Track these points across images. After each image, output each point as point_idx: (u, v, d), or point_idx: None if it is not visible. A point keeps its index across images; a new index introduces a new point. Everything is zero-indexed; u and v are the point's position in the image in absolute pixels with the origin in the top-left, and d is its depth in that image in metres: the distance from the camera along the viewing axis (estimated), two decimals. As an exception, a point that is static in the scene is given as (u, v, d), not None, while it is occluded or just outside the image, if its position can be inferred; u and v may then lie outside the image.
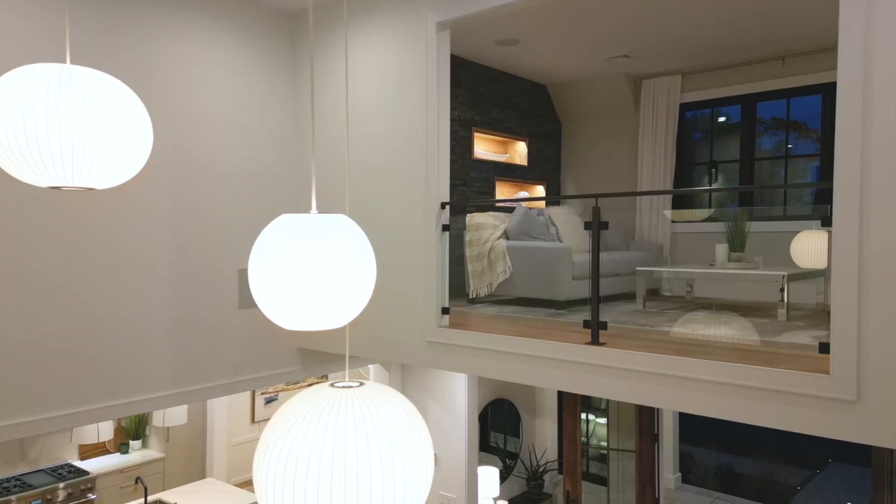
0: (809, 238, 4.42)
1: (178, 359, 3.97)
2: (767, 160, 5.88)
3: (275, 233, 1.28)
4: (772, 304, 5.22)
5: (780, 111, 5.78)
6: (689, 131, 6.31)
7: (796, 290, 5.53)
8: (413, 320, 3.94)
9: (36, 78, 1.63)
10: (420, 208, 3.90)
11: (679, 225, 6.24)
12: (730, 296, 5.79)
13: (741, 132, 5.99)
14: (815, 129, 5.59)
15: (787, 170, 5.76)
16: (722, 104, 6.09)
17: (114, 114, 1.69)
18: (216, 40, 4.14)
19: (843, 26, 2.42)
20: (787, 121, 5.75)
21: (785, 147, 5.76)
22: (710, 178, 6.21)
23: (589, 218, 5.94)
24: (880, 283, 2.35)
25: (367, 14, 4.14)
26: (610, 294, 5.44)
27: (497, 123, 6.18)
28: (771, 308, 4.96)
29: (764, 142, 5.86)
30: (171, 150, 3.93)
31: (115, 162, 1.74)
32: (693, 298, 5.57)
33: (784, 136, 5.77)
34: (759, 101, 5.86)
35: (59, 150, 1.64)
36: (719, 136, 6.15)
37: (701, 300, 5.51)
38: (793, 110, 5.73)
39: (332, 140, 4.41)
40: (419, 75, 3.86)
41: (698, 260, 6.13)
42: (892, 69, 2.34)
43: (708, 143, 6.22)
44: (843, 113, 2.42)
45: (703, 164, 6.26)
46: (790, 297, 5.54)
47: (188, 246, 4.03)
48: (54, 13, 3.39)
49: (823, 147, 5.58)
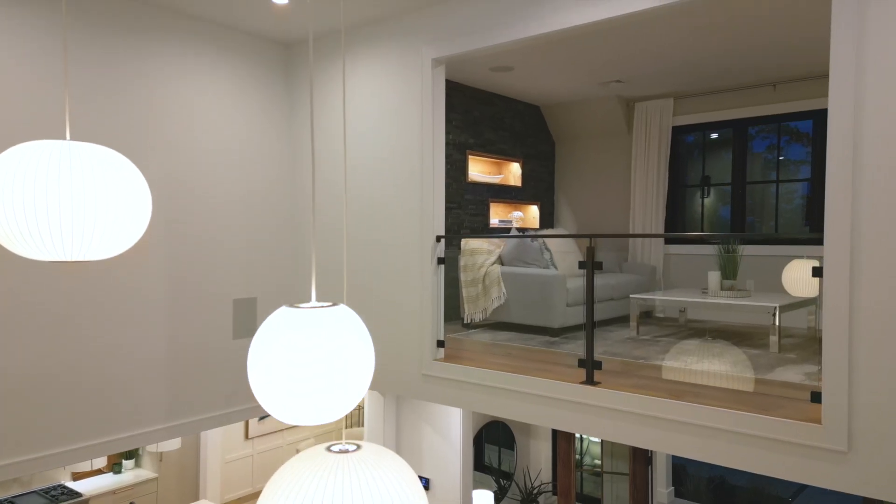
0: (800, 267, 4.46)
1: (172, 391, 3.97)
2: (759, 184, 5.93)
3: (274, 328, 1.29)
4: (764, 328, 5.27)
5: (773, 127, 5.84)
6: (681, 151, 6.35)
7: (788, 313, 5.58)
8: (408, 352, 3.96)
9: (36, 157, 1.64)
10: (416, 241, 3.92)
11: (672, 246, 6.29)
12: (723, 318, 5.83)
13: (733, 156, 6.05)
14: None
15: (779, 172, 5.81)
16: (714, 128, 6.14)
17: (113, 190, 1.70)
18: (212, 70, 4.15)
19: (834, 75, 2.46)
20: (778, 125, 5.80)
21: (777, 148, 5.81)
22: (703, 193, 6.25)
23: (584, 240, 5.99)
24: (870, 336, 2.39)
25: (364, 47, 4.15)
26: (604, 318, 5.48)
27: (491, 145, 6.21)
28: (763, 334, 5.00)
29: (756, 145, 5.88)
30: (167, 179, 3.93)
31: (114, 236, 1.75)
32: (686, 322, 5.61)
33: (776, 139, 5.82)
34: (750, 125, 5.92)
35: (58, 229, 1.65)
36: (711, 150, 6.20)
37: (694, 324, 5.55)
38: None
39: (329, 172, 4.42)
40: (414, 109, 3.88)
41: (691, 281, 6.18)
42: (883, 111, 2.38)
43: (700, 160, 6.27)
44: (833, 161, 2.45)
45: (696, 187, 6.30)
46: (782, 322, 5.59)
47: (183, 276, 4.03)
48: (53, 47, 3.39)
49: (814, 170, 5.63)
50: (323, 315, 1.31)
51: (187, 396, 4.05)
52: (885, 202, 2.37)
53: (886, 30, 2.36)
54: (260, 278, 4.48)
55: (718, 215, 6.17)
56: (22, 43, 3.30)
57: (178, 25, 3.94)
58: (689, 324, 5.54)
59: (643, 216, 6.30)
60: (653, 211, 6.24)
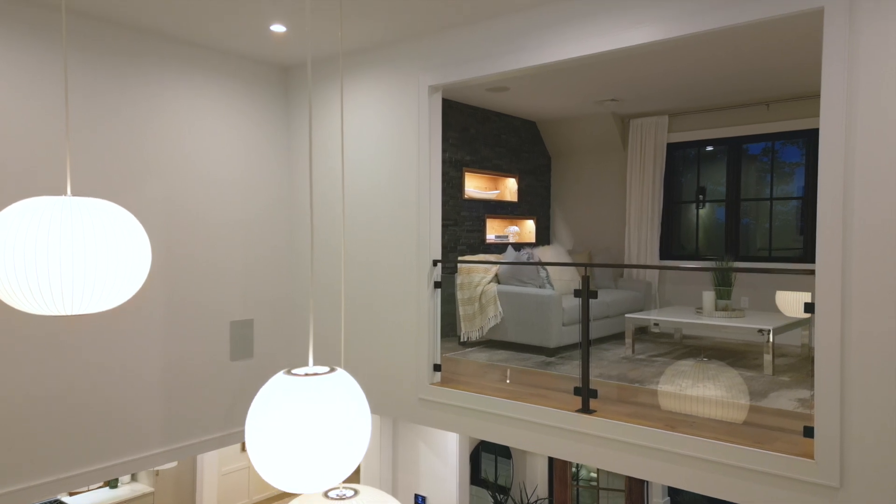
0: (791, 294, 4.51)
1: (169, 415, 3.98)
2: (753, 201, 5.97)
3: (271, 397, 1.31)
4: (758, 345, 5.30)
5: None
6: (677, 164, 6.39)
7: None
8: (405, 374, 3.97)
9: (37, 216, 1.66)
10: (412, 264, 3.94)
11: (667, 262, 6.31)
12: (718, 336, 5.87)
13: (727, 172, 6.09)
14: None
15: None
16: (708, 145, 6.18)
17: (113, 247, 1.72)
18: (210, 93, 4.16)
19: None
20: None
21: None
22: (699, 203, 6.28)
23: (581, 254, 6.03)
24: (862, 373, 2.42)
25: (362, 72, 4.18)
26: (600, 336, 5.50)
27: (487, 162, 6.24)
28: (757, 352, 5.04)
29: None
30: (165, 202, 3.94)
31: (114, 290, 1.77)
32: (681, 339, 5.64)
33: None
34: (744, 143, 5.96)
35: (59, 287, 1.67)
36: (706, 160, 6.24)
37: (689, 341, 5.58)
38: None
39: (326, 195, 4.44)
40: (411, 135, 3.91)
41: (687, 297, 6.21)
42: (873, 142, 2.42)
43: (695, 171, 6.31)
44: (824, 203, 2.49)
45: (691, 203, 6.34)
46: (776, 338, 5.63)
47: (181, 299, 4.04)
48: (52, 73, 3.40)
49: (806, 188, 5.67)
50: (320, 383, 1.33)
51: (185, 419, 4.06)
52: (876, 242, 2.40)
53: (876, 59, 2.39)
54: (257, 300, 4.49)
55: (714, 228, 6.21)
56: (22, 74, 3.31)
57: (176, 51, 3.96)
58: (684, 341, 5.57)
59: (638, 231, 6.34)
60: (648, 226, 6.27)
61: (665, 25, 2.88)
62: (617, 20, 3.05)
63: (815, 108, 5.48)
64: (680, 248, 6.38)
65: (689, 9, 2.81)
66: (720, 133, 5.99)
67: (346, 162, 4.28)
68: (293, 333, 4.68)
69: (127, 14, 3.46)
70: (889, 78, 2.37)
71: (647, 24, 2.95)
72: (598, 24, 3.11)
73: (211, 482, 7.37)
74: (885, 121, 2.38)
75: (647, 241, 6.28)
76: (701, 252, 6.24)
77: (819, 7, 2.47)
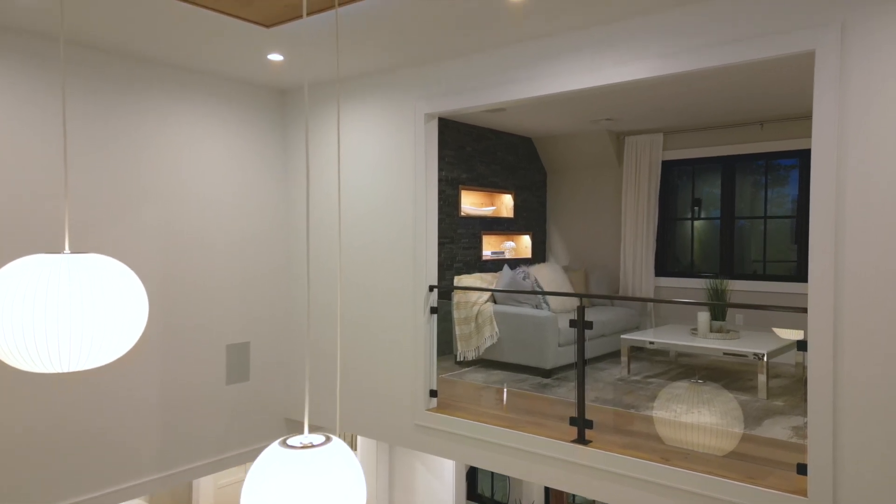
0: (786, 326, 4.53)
1: (165, 441, 3.98)
2: (748, 219, 6.00)
3: (266, 470, 1.32)
4: (753, 364, 5.32)
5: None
6: (672, 181, 6.42)
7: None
8: (401, 400, 3.98)
9: (35, 277, 1.67)
10: (409, 289, 3.95)
11: (662, 279, 6.35)
12: (713, 354, 5.89)
13: (722, 191, 6.12)
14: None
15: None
16: (703, 164, 6.22)
17: (111, 307, 1.73)
18: (207, 117, 4.17)
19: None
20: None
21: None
22: (693, 214, 6.31)
23: (577, 271, 6.03)
24: (855, 411, 2.44)
25: (358, 97, 4.19)
26: (595, 356, 5.52)
27: (483, 179, 6.26)
28: (752, 372, 5.06)
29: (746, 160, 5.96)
30: (162, 226, 3.94)
31: (111, 347, 1.78)
32: (676, 357, 5.67)
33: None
34: (738, 162, 6.00)
35: (56, 348, 1.68)
36: (701, 173, 6.27)
37: (684, 359, 5.60)
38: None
39: (322, 218, 4.45)
40: (407, 160, 3.92)
41: (682, 315, 6.24)
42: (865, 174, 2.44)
43: (690, 183, 6.34)
44: (815, 251, 2.51)
45: (686, 219, 6.37)
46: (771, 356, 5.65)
47: (177, 322, 4.04)
48: (48, 103, 3.40)
49: (799, 208, 5.71)
50: (316, 456, 1.34)
51: (180, 445, 4.06)
52: (867, 283, 2.43)
53: (866, 102, 2.42)
54: (253, 322, 4.50)
55: (709, 241, 6.24)
56: (20, 104, 3.31)
57: (172, 76, 3.97)
58: (679, 359, 5.59)
59: (634, 247, 6.36)
60: (643, 242, 6.30)
61: (661, 62, 2.91)
62: (613, 55, 3.07)
63: (809, 128, 5.52)
64: (675, 263, 6.41)
65: (686, 46, 2.84)
66: (715, 151, 6.02)
67: (342, 185, 4.29)
68: (289, 356, 4.68)
69: (123, 42, 3.47)
70: (878, 119, 2.40)
71: (642, 60, 2.97)
72: (595, 58, 3.14)
73: (207, 495, 7.36)
74: (876, 163, 2.41)
75: (642, 257, 6.31)
76: (696, 267, 6.27)
77: (810, 50, 2.49)
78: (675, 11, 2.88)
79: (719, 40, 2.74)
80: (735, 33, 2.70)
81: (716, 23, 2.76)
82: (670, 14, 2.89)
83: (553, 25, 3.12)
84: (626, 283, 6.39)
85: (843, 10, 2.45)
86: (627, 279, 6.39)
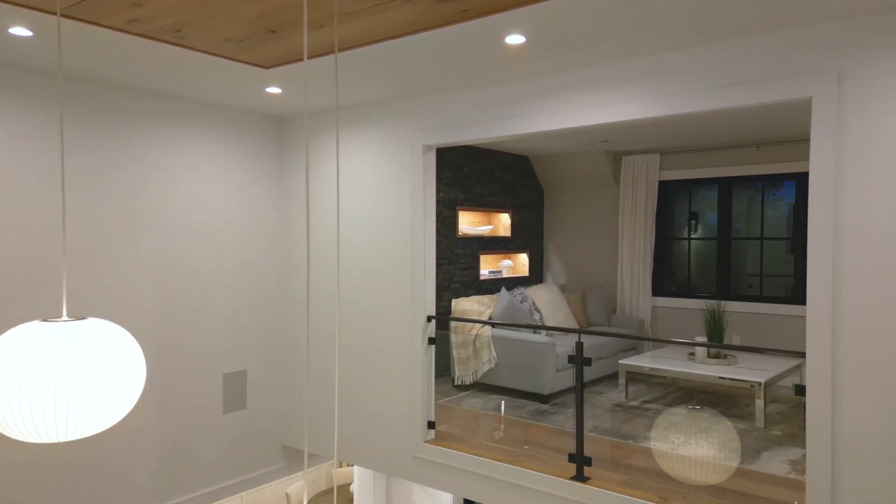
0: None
1: (160, 472, 3.95)
2: (744, 239, 6.02)
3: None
4: (751, 390, 5.32)
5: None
6: (668, 200, 6.43)
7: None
8: (399, 430, 3.97)
9: (31, 349, 1.65)
10: (407, 320, 3.94)
11: (659, 299, 6.35)
12: (710, 377, 5.89)
13: (718, 212, 6.13)
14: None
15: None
16: (699, 184, 6.23)
17: (108, 375, 1.72)
18: (205, 144, 4.16)
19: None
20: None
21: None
22: (690, 227, 6.32)
23: (574, 292, 6.05)
24: (852, 454, 2.44)
25: (357, 126, 4.19)
26: (593, 379, 5.52)
27: (481, 199, 6.26)
28: (749, 396, 5.06)
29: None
30: (159, 253, 3.92)
31: (107, 414, 1.76)
32: (674, 379, 5.67)
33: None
34: (734, 183, 6.01)
35: (52, 419, 1.66)
36: (697, 197, 6.29)
37: (681, 382, 5.60)
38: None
39: (320, 248, 4.44)
40: (405, 190, 3.92)
41: (679, 333, 6.24)
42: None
43: (686, 198, 6.36)
44: (813, 299, 2.51)
45: (683, 239, 6.38)
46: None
47: (173, 352, 4.02)
48: (44, 138, 3.39)
49: (795, 228, 5.73)
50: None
51: (176, 475, 4.03)
52: (864, 331, 2.43)
53: (862, 147, 2.42)
54: (250, 350, 4.48)
55: (706, 261, 6.25)
56: (19, 141, 3.30)
57: (169, 105, 3.96)
58: (676, 382, 5.60)
59: (631, 266, 6.37)
60: (640, 261, 6.31)
61: (659, 103, 2.91)
62: (611, 95, 3.08)
63: (803, 151, 5.54)
64: (673, 280, 6.42)
65: (685, 88, 2.85)
66: (711, 173, 6.04)
67: (340, 214, 4.28)
68: (286, 383, 4.66)
69: (121, 76, 3.45)
70: (875, 166, 2.40)
71: (640, 101, 2.98)
72: (594, 96, 3.14)
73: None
74: (872, 209, 2.42)
75: (639, 276, 6.32)
76: (693, 286, 6.27)
77: (807, 97, 2.50)
78: (674, 54, 2.88)
79: (717, 84, 2.75)
80: (733, 78, 2.71)
81: (713, 67, 2.77)
82: (668, 56, 2.90)
83: (552, 63, 3.12)
84: (623, 303, 6.39)
85: (841, 59, 2.46)
86: (625, 299, 6.39)
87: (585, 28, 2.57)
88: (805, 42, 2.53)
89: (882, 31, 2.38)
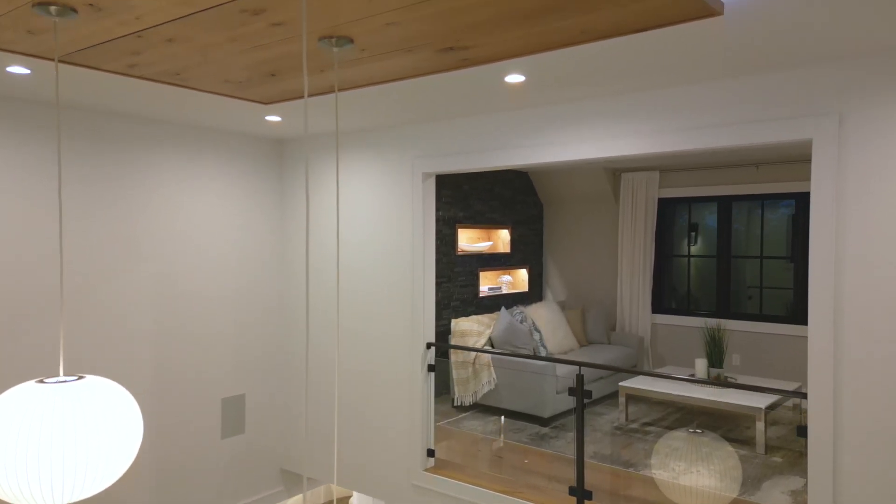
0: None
1: (159, 498, 3.94)
2: (742, 258, 6.01)
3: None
4: (751, 414, 5.31)
5: (756, 209, 5.93)
6: (668, 217, 6.42)
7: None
8: (398, 457, 3.96)
9: (30, 413, 1.64)
10: (406, 346, 3.93)
11: (659, 316, 6.34)
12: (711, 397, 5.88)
13: (718, 231, 6.12)
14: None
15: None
16: (699, 202, 6.23)
17: (105, 436, 1.71)
18: (204, 169, 4.15)
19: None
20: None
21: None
22: (690, 241, 6.31)
23: (574, 309, 6.03)
24: (851, 481, 2.44)
25: (357, 151, 4.18)
26: (593, 399, 5.51)
27: (480, 216, 6.25)
28: (750, 418, 5.05)
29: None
30: (157, 277, 3.91)
31: (104, 475, 1.76)
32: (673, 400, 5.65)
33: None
34: (734, 201, 6.01)
35: (49, 484, 1.65)
36: (697, 214, 6.28)
37: (681, 403, 5.59)
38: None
39: (320, 272, 4.43)
40: (405, 216, 3.91)
41: (679, 353, 6.23)
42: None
43: (686, 211, 6.35)
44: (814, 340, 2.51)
45: (683, 256, 6.38)
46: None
47: (171, 377, 4.01)
48: (44, 165, 3.38)
49: (794, 249, 5.72)
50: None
51: (175, 501, 4.02)
52: (864, 373, 2.42)
53: (863, 189, 2.42)
54: (249, 375, 4.47)
55: (705, 274, 6.24)
56: (17, 171, 3.29)
57: (168, 131, 3.95)
58: (675, 403, 5.58)
59: (630, 283, 6.36)
60: (640, 278, 6.30)
61: (659, 139, 2.91)
62: (611, 129, 3.07)
63: (803, 171, 5.54)
64: (673, 295, 6.41)
65: (685, 125, 2.84)
66: (710, 191, 6.03)
67: (339, 239, 4.27)
68: (285, 408, 4.65)
69: (119, 106, 3.44)
70: (875, 207, 2.40)
71: (639, 136, 2.97)
72: (594, 130, 3.13)
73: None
74: (872, 249, 2.41)
75: (639, 293, 6.31)
76: (693, 302, 6.26)
77: (808, 139, 2.49)
78: (674, 91, 2.88)
79: (716, 122, 2.74)
80: (733, 117, 2.70)
81: (713, 106, 2.76)
82: (668, 94, 2.89)
83: (552, 97, 3.11)
84: (622, 320, 6.38)
85: (841, 102, 2.45)
86: (624, 316, 6.38)
87: (584, 71, 2.56)
88: (806, 83, 2.52)
89: (883, 73, 2.37)
